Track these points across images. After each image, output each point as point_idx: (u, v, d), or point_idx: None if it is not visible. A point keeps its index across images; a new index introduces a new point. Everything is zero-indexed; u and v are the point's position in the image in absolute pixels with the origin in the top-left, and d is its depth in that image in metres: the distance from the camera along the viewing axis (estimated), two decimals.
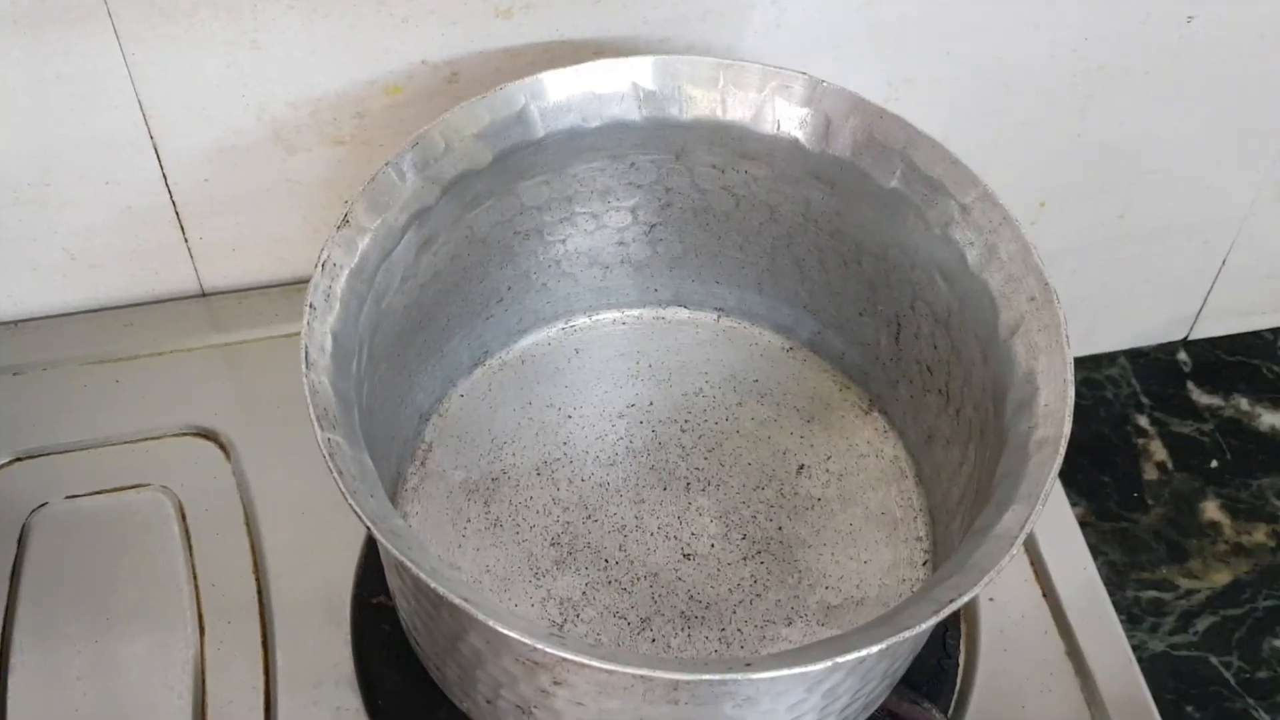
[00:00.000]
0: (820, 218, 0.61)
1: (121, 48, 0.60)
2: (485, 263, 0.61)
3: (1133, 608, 0.79)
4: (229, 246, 0.71)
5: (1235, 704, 0.75)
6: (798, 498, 0.62)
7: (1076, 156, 0.76)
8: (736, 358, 0.67)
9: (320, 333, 0.50)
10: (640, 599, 0.58)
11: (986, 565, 0.45)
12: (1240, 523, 0.83)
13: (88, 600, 0.61)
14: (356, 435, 0.49)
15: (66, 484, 0.64)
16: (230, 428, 0.66)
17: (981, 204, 0.55)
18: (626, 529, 0.60)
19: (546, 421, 0.64)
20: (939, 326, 0.58)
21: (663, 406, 0.65)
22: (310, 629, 0.60)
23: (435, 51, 0.63)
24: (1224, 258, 0.85)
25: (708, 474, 0.63)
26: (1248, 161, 0.79)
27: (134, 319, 0.71)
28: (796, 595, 0.59)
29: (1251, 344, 0.91)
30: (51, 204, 0.66)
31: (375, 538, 0.45)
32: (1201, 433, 0.87)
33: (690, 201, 0.63)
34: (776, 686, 0.47)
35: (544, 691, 0.48)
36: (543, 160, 0.59)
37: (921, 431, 0.61)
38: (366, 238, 0.53)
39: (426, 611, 0.51)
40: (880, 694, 0.55)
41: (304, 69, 0.63)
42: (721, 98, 0.58)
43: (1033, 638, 0.62)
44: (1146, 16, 0.69)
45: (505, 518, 0.60)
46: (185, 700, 0.58)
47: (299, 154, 0.66)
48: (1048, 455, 0.48)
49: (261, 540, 0.63)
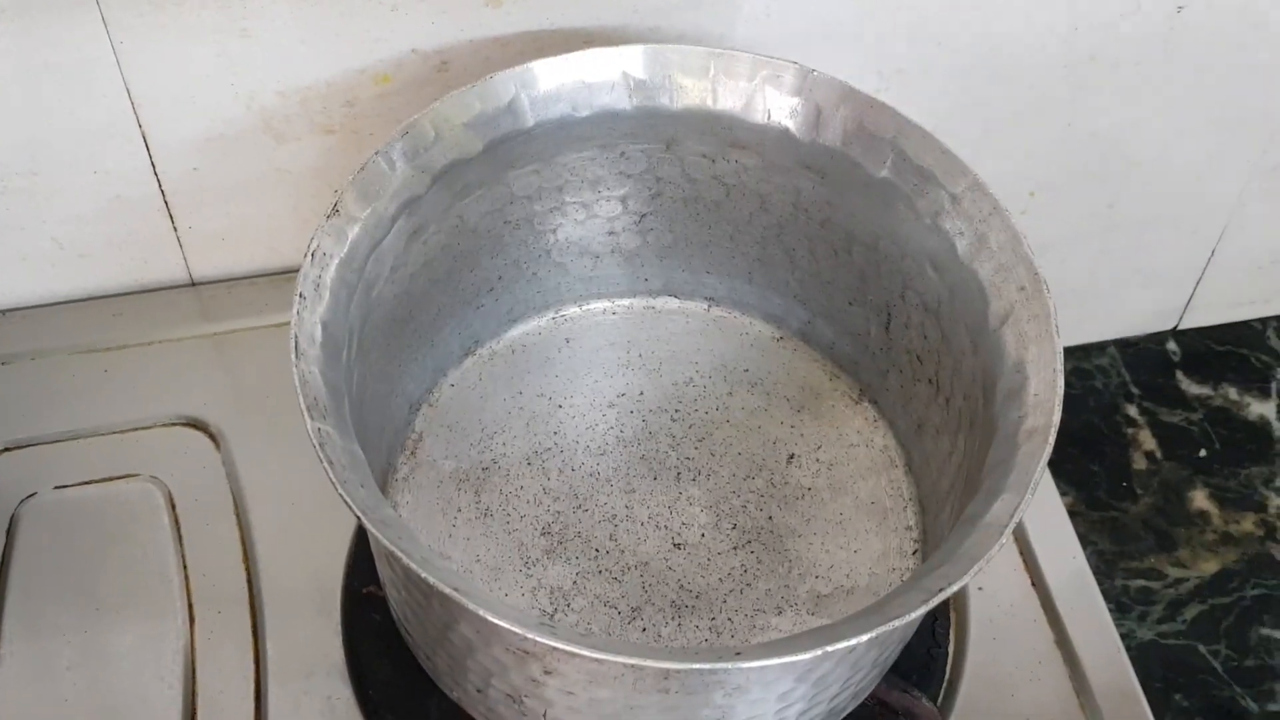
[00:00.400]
0: (811, 207, 0.61)
1: (110, 36, 0.60)
2: (475, 252, 0.61)
3: (1121, 596, 0.79)
4: (218, 236, 0.70)
5: (1223, 692, 0.76)
6: (788, 487, 0.62)
7: (1066, 146, 0.76)
8: (727, 347, 0.67)
9: (310, 322, 0.50)
10: (631, 588, 0.58)
11: (976, 554, 0.45)
12: (1228, 512, 0.83)
13: (77, 590, 0.60)
14: (347, 425, 0.49)
15: (55, 474, 0.64)
16: (220, 418, 0.66)
17: (972, 194, 0.55)
18: (617, 518, 0.60)
19: (537, 411, 0.64)
20: (929, 316, 0.58)
21: (653, 396, 0.65)
22: (301, 619, 0.60)
23: (425, 40, 0.63)
24: (1213, 247, 0.86)
25: (698, 463, 0.63)
26: (1237, 152, 0.79)
27: (123, 308, 0.71)
28: (787, 584, 0.59)
29: (1241, 334, 0.92)
30: (40, 193, 0.66)
31: (366, 528, 0.45)
32: (1190, 422, 0.87)
33: (681, 191, 0.63)
34: (766, 675, 0.47)
35: (534, 681, 0.48)
36: (533, 149, 0.59)
37: (911, 421, 0.61)
38: (356, 227, 0.53)
39: (417, 601, 0.51)
40: (870, 683, 0.55)
41: (293, 58, 0.63)
42: (712, 87, 0.58)
43: (1022, 627, 0.62)
44: (1137, 6, 0.69)
45: (496, 507, 0.60)
46: (175, 690, 0.58)
47: (288, 143, 0.66)
48: (1037, 445, 0.48)
49: (252, 530, 0.63)
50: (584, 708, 0.49)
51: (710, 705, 0.48)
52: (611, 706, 0.48)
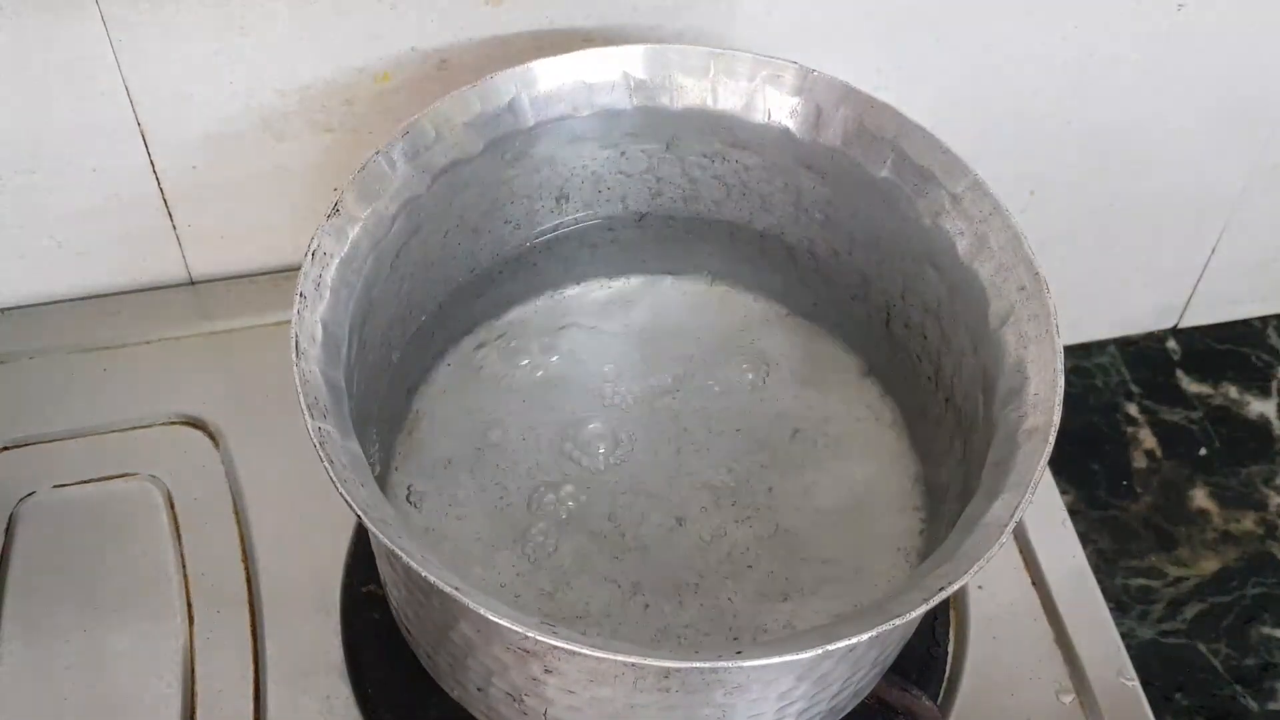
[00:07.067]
0: (811, 207, 0.61)
1: (109, 34, 0.60)
2: (476, 251, 0.61)
3: (1121, 595, 0.79)
4: (217, 234, 0.70)
5: (1223, 691, 0.76)
6: (792, 462, 0.61)
7: (1066, 144, 0.76)
8: (729, 322, 0.65)
9: (311, 321, 0.50)
10: (631, 566, 0.57)
11: (976, 554, 0.45)
12: (1229, 510, 0.83)
13: (76, 590, 0.60)
14: (347, 424, 0.49)
15: (54, 473, 0.64)
16: (219, 416, 0.66)
17: (972, 193, 0.55)
18: (617, 495, 0.59)
19: (534, 386, 0.63)
20: (929, 316, 0.58)
21: (654, 370, 0.64)
22: (300, 618, 0.60)
23: (424, 39, 0.63)
24: (1213, 246, 0.86)
25: (700, 439, 0.62)
26: (1238, 149, 0.80)
27: (122, 307, 0.71)
28: (790, 561, 0.58)
29: (1241, 332, 0.92)
30: (39, 191, 0.66)
31: (366, 527, 0.44)
32: (1190, 421, 0.87)
33: (681, 191, 0.62)
34: (767, 674, 0.47)
35: (535, 679, 0.48)
36: (533, 149, 0.59)
37: (915, 405, 0.61)
38: (357, 227, 0.53)
39: (417, 600, 0.51)
40: (870, 682, 0.55)
41: (292, 56, 0.62)
42: (712, 87, 0.58)
43: (1022, 625, 0.62)
44: (1137, 4, 0.69)
45: (494, 486, 0.60)
46: (174, 689, 0.58)
47: (288, 141, 0.66)
48: (1037, 444, 0.48)
49: (251, 529, 0.62)
50: (585, 706, 0.49)
51: (711, 704, 0.48)
52: (612, 705, 0.48)
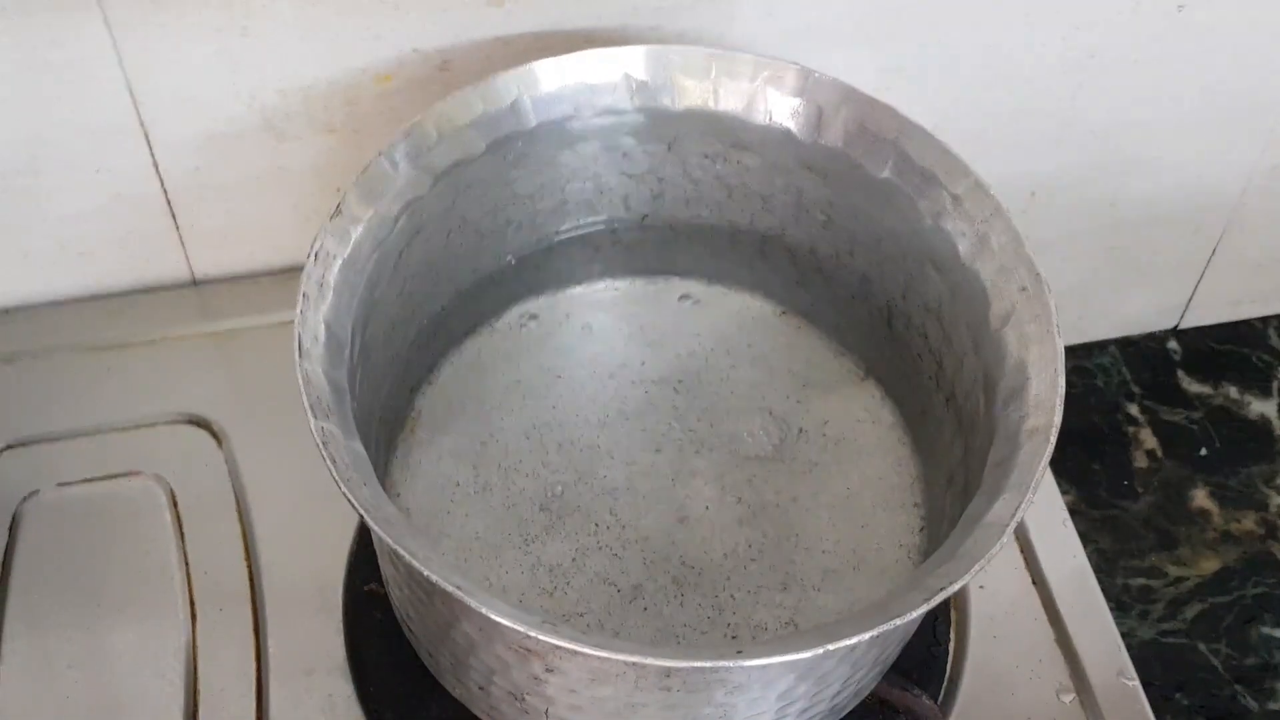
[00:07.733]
0: (812, 208, 0.61)
1: (111, 35, 0.60)
2: (478, 252, 0.61)
3: (1122, 595, 0.79)
4: (220, 234, 0.70)
5: (1224, 691, 0.76)
6: (793, 462, 0.61)
7: (1067, 145, 0.76)
8: (729, 322, 0.66)
9: (314, 322, 0.50)
10: (632, 564, 0.58)
11: (977, 553, 0.45)
12: (1229, 511, 0.83)
13: (79, 588, 0.61)
14: (350, 423, 0.49)
15: (58, 472, 0.64)
16: (222, 415, 0.66)
17: (973, 194, 0.55)
18: (618, 493, 0.60)
19: (536, 384, 0.63)
20: (930, 316, 0.58)
21: (655, 369, 0.64)
22: (302, 616, 0.60)
23: (426, 39, 0.63)
24: (1214, 246, 0.86)
25: (701, 436, 0.62)
26: (1238, 150, 0.79)
27: (125, 307, 0.71)
28: (792, 560, 0.58)
29: (1242, 333, 0.92)
30: (41, 192, 0.66)
31: (369, 526, 0.45)
32: (1191, 421, 0.87)
33: (682, 191, 0.63)
34: (767, 674, 0.47)
35: (536, 678, 0.48)
36: (535, 150, 0.59)
37: (915, 405, 0.61)
38: (359, 227, 0.53)
39: (419, 599, 0.51)
40: (871, 681, 0.55)
41: (294, 56, 0.63)
42: (714, 88, 0.58)
43: (1023, 625, 0.62)
44: (1137, 4, 0.69)
45: (495, 483, 0.60)
46: (177, 688, 0.58)
47: (290, 142, 0.66)
48: (1038, 444, 0.48)
49: (253, 528, 0.63)
50: (586, 705, 0.49)
51: (712, 703, 0.48)
52: (613, 704, 0.48)
